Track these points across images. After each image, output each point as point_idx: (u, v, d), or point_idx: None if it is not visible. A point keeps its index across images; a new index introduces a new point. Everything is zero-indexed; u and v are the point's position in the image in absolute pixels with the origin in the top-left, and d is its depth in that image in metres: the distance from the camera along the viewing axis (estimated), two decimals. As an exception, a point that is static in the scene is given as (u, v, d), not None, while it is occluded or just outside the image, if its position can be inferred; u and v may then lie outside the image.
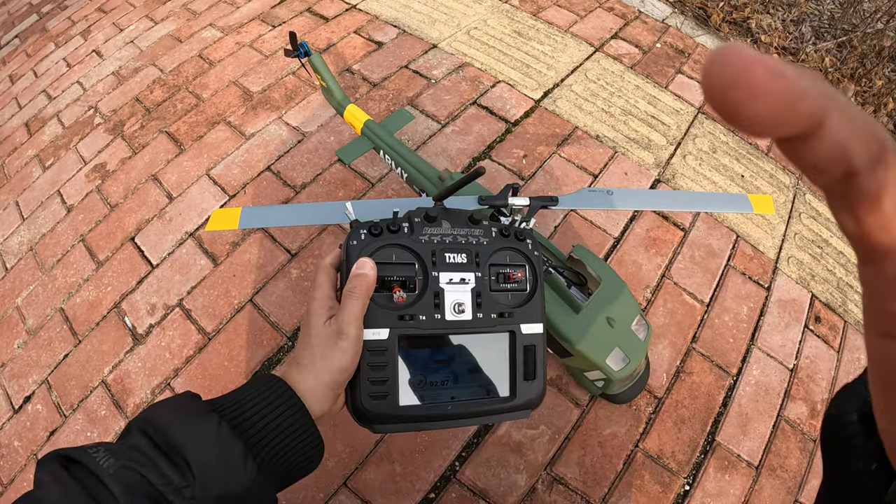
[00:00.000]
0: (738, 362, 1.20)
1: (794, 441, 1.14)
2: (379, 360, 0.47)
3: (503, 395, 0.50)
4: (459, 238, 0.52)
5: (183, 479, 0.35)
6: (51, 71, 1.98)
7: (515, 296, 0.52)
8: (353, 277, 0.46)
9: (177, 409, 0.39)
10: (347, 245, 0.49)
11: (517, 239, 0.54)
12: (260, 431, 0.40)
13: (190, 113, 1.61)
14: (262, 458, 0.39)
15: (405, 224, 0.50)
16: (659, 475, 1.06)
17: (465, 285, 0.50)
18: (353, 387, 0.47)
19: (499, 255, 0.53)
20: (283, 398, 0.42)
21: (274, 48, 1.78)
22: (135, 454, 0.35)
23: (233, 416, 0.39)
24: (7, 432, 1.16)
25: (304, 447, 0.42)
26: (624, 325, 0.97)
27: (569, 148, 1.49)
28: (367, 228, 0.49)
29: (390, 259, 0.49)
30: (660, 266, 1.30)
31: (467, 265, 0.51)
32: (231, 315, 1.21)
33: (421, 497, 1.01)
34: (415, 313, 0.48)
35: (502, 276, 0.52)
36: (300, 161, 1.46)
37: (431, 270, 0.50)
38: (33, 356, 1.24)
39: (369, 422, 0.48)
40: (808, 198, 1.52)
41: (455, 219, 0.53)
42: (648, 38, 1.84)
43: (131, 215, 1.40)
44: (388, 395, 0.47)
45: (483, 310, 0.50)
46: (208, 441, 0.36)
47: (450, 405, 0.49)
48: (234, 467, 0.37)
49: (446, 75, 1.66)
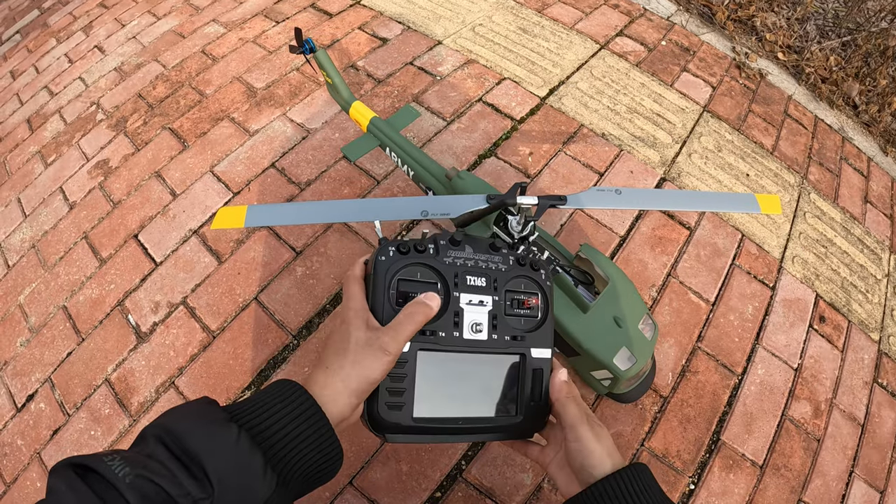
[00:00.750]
0: (743, 362, 1.20)
1: (798, 440, 1.14)
2: (399, 371, 0.49)
3: (511, 414, 0.53)
4: (480, 263, 0.55)
5: (202, 490, 0.34)
6: (52, 67, 1.96)
7: (528, 321, 0.56)
8: (419, 304, 0.48)
9: (194, 416, 0.38)
10: (376, 261, 0.51)
11: (532, 269, 0.57)
12: (280, 441, 0.39)
13: (193, 109, 1.60)
14: (282, 469, 0.39)
15: (431, 245, 0.53)
16: (664, 474, 1.06)
17: (483, 307, 0.53)
18: (371, 395, 0.49)
19: (514, 282, 0.56)
20: (303, 407, 0.41)
21: (278, 44, 1.77)
22: (152, 464, 0.34)
23: (252, 426, 0.39)
24: (10, 431, 1.16)
25: (323, 457, 0.41)
26: (631, 324, 0.96)
27: (574, 146, 1.48)
28: (395, 246, 0.52)
29: (415, 277, 0.52)
30: (665, 265, 1.29)
31: (486, 288, 0.54)
32: (236, 313, 1.21)
33: (427, 496, 1.01)
34: (436, 329, 0.51)
35: (517, 302, 0.56)
36: (305, 158, 1.45)
37: (453, 290, 0.52)
38: (36, 354, 1.24)
39: (383, 430, 0.50)
40: (813, 197, 1.52)
41: (477, 245, 0.56)
42: (654, 36, 1.83)
43: (134, 212, 1.39)
44: (405, 405, 0.49)
45: (498, 331, 0.53)
46: (227, 452, 0.36)
47: (460, 421, 0.52)
48: (254, 479, 0.36)
49: (451, 72, 1.65)
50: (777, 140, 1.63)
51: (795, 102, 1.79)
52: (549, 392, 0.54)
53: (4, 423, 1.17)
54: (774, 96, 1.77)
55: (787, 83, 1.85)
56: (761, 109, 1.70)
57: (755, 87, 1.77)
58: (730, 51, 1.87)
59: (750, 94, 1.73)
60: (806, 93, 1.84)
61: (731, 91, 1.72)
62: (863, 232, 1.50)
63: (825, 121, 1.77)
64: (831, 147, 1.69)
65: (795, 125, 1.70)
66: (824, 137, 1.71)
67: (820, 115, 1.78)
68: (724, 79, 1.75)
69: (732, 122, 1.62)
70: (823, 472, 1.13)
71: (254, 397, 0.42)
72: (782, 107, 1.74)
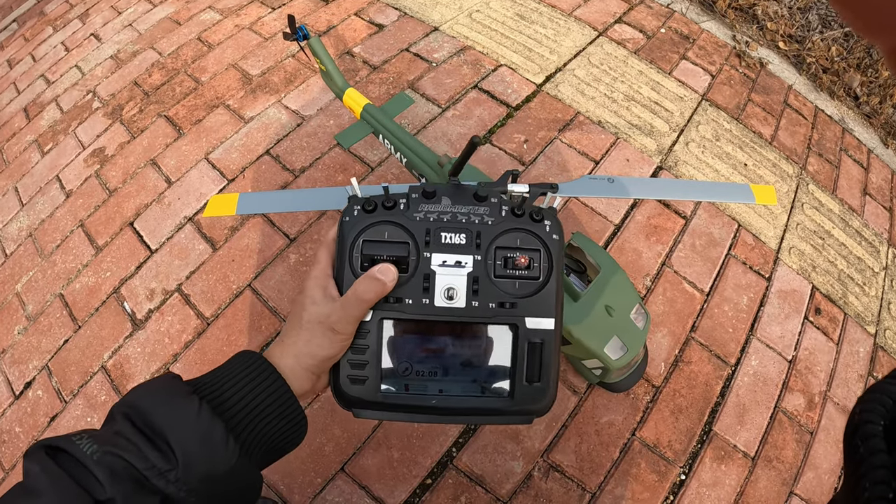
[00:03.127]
0: (736, 352, 1.20)
1: (791, 433, 1.14)
2: (361, 342, 0.44)
3: (501, 396, 0.46)
4: (460, 216, 0.47)
5: (167, 462, 0.35)
6: (49, 55, 1.96)
7: (524, 284, 0.46)
8: (370, 279, 0.43)
9: (158, 391, 0.39)
10: (341, 222, 0.46)
11: (532, 219, 0.47)
12: (241, 411, 0.40)
13: (189, 97, 1.60)
14: (245, 438, 0.39)
15: (402, 200, 0.47)
16: (655, 464, 1.06)
17: (461, 269, 0.45)
18: (334, 367, 0.46)
19: (507, 238, 0.47)
20: (262, 375, 0.41)
21: (273, 31, 1.76)
22: (119, 440, 0.35)
23: (213, 397, 0.40)
24: (8, 418, 1.17)
25: (286, 424, 0.42)
26: (623, 313, 0.96)
27: (570, 133, 1.48)
28: (361, 204, 0.46)
29: (382, 237, 0.46)
30: (660, 254, 1.29)
31: (465, 246, 0.46)
32: (230, 300, 1.21)
33: (418, 483, 1.02)
34: (401, 296, 0.45)
35: (510, 262, 0.46)
36: (299, 145, 1.45)
37: (423, 251, 0.45)
38: (33, 342, 1.24)
39: (348, 405, 0.46)
40: (812, 188, 1.51)
41: (459, 195, 0.48)
42: (653, 24, 1.81)
43: (130, 200, 1.40)
44: (368, 379, 0.45)
45: (480, 297, 0.45)
46: (189, 424, 0.37)
47: (435, 399, 0.45)
48: (216, 449, 0.37)
49: (447, 58, 1.64)
50: (776, 130, 1.61)
51: (796, 92, 1.77)
52: (550, 371, 0.46)
53: (2, 411, 1.18)
54: (774, 86, 1.75)
55: (788, 73, 1.83)
56: (761, 99, 1.69)
57: (755, 76, 1.75)
58: (730, 39, 1.85)
59: (750, 84, 1.72)
60: (806, 83, 1.82)
61: (731, 80, 1.70)
62: (861, 224, 1.49)
63: (825, 111, 1.76)
64: (831, 138, 1.68)
65: (795, 115, 1.69)
66: (824, 128, 1.70)
67: (820, 106, 1.76)
68: (724, 67, 1.73)
69: (731, 112, 1.61)
70: (816, 465, 1.13)
71: (216, 370, 0.42)
72: (782, 97, 1.73)
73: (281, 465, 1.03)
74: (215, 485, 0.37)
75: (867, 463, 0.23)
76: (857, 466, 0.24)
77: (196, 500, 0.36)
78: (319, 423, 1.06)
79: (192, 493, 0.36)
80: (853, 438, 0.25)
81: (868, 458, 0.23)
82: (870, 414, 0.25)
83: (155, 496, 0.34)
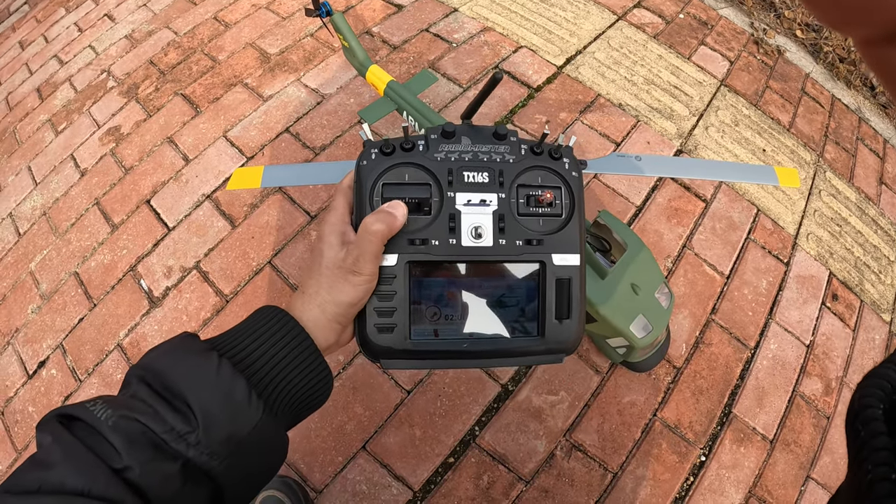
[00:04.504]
0: (755, 336, 1.20)
1: (809, 417, 1.14)
2: (387, 288, 0.43)
3: (531, 334, 0.45)
4: (481, 155, 0.45)
5: (186, 424, 0.33)
6: (62, 36, 1.94)
7: (548, 221, 0.45)
8: (381, 213, 0.41)
9: (173, 351, 0.37)
10: (358, 166, 0.45)
11: (551, 157, 0.46)
12: (264, 367, 0.37)
13: (206, 75, 1.58)
14: (269, 394, 0.37)
15: (420, 142, 0.45)
16: (676, 445, 1.06)
17: (486, 207, 0.44)
18: (359, 317, 0.43)
19: (528, 175, 0.46)
20: (284, 329, 0.39)
21: (291, 10, 1.75)
22: (135, 403, 0.33)
23: (233, 353, 0.37)
24: (21, 397, 1.16)
25: (311, 380, 0.40)
26: (648, 292, 0.96)
27: (591, 115, 1.47)
28: (378, 147, 0.44)
29: (403, 179, 0.44)
30: (681, 236, 1.29)
31: (489, 185, 0.45)
32: (249, 277, 1.20)
33: (440, 461, 1.01)
34: (427, 237, 0.43)
35: (532, 199, 0.45)
36: (319, 123, 1.44)
37: (447, 191, 0.44)
38: (47, 321, 1.24)
39: (376, 356, 0.44)
40: (829, 175, 1.50)
41: (478, 135, 0.46)
42: (671, 9, 1.80)
43: (146, 178, 1.39)
44: (397, 327, 0.43)
45: (507, 236, 0.44)
46: (209, 382, 0.34)
47: (466, 342, 0.44)
48: (239, 407, 0.35)
49: (467, 39, 1.63)
50: (794, 117, 1.61)
51: (813, 80, 1.76)
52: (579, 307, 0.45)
53: (16, 391, 1.18)
54: (792, 73, 1.75)
55: (805, 61, 1.82)
56: (778, 86, 1.68)
57: (773, 63, 1.75)
58: (748, 26, 1.84)
59: (767, 71, 1.71)
60: (823, 71, 1.81)
61: (749, 66, 1.70)
62: (877, 213, 1.49)
63: (842, 100, 1.75)
64: (848, 127, 1.67)
65: (812, 103, 1.68)
66: (841, 117, 1.69)
67: (837, 95, 1.76)
68: (742, 54, 1.73)
69: (749, 98, 1.60)
70: (832, 450, 1.13)
71: (236, 326, 0.40)
72: (799, 84, 1.72)
73: (301, 444, 1.02)
74: (239, 446, 0.34)
75: (868, 446, 0.23)
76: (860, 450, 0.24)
77: (219, 463, 0.33)
78: (341, 401, 1.06)
79: (215, 456, 0.33)
80: (854, 423, 0.25)
81: (869, 441, 0.24)
82: (869, 399, 0.25)
83: (175, 461, 0.32)
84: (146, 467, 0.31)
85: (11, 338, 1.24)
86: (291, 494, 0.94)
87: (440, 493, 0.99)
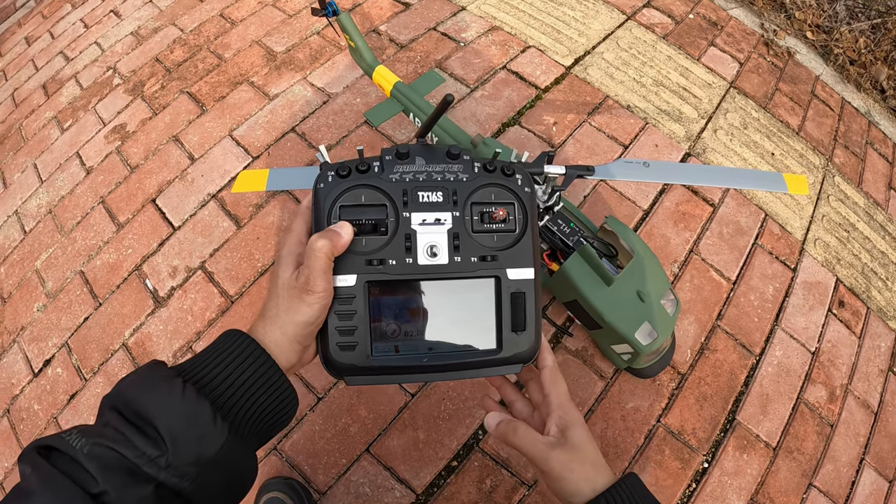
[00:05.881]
0: (761, 342, 1.19)
1: (812, 424, 1.14)
2: (347, 308, 0.44)
3: (488, 347, 0.47)
4: (435, 175, 0.47)
5: (156, 448, 0.35)
6: (67, 32, 1.94)
7: (502, 237, 0.48)
8: (327, 231, 0.43)
9: (142, 379, 0.38)
10: (315, 189, 0.46)
11: (504, 174, 0.48)
12: (227, 390, 0.39)
13: (212, 73, 1.58)
14: (234, 416, 0.39)
15: (376, 163, 0.47)
16: (679, 451, 1.06)
17: (441, 226, 0.46)
18: (322, 336, 0.45)
19: (482, 193, 0.48)
20: (246, 353, 0.41)
21: (298, 8, 1.74)
22: (108, 431, 0.35)
23: (198, 378, 0.39)
24: (27, 396, 1.17)
25: (274, 400, 0.41)
26: (654, 299, 0.95)
27: (599, 117, 1.46)
28: (335, 169, 0.46)
29: (359, 201, 0.46)
30: (688, 241, 1.28)
31: (443, 204, 0.46)
32: (254, 278, 1.20)
33: (443, 465, 1.02)
34: (384, 258, 0.45)
35: (486, 216, 0.48)
36: (325, 122, 1.44)
37: (402, 211, 0.46)
38: (53, 319, 1.24)
39: (339, 373, 0.46)
40: (838, 180, 1.49)
41: (432, 155, 0.48)
42: (681, 9, 1.78)
43: (152, 177, 1.39)
44: (358, 345, 0.44)
45: (462, 253, 0.46)
46: (175, 407, 0.36)
47: (426, 357, 0.46)
48: (204, 429, 0.36)
49: (475, 38, 1.62)
50: (803, 120, 1.59)
51: (823, 83, 1.74)
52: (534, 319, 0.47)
53: (21, 389, 1.18)
54: (802, 76, 1.73)
55: (815, 63, 1.80)
56: (788, 88, 1.66)
57: (783, 65, 1.73)
58: (758, 27, 1.82)
59: (777, 73, 1.69)
60: (834, 74, 1.79)
61: (759, 68, 1.68)
62: (885, 218, 1.48)
63: (852, 104, 1.73)
64: (857, 131, 1.66)
65: (822, 106, 1.66)
66: (851, 120, 1.67)
67: (847, 98, 1.74)
68: (752, 55, 1.71)
69: (759, 100, 1.59)
70: (835, 458, 1.12)
71: (201, 352, 0.42)
72: (809, 87, 1.70)
73: (305, 446, 1.03)
74: (208, 467, 0.36)
75: None
76: None
77: (189, 483, 0.35)
78: (345, 404, 1.06)
79: (186, 478, 0.35)
80: None
81: None
82: None
83: (148, 484, 0.34)
84: (121, 491, 0.33)
85: (17, 336, 1.25)
86: (295, 496, 0.95)
87: (443, 497, 0.99)
